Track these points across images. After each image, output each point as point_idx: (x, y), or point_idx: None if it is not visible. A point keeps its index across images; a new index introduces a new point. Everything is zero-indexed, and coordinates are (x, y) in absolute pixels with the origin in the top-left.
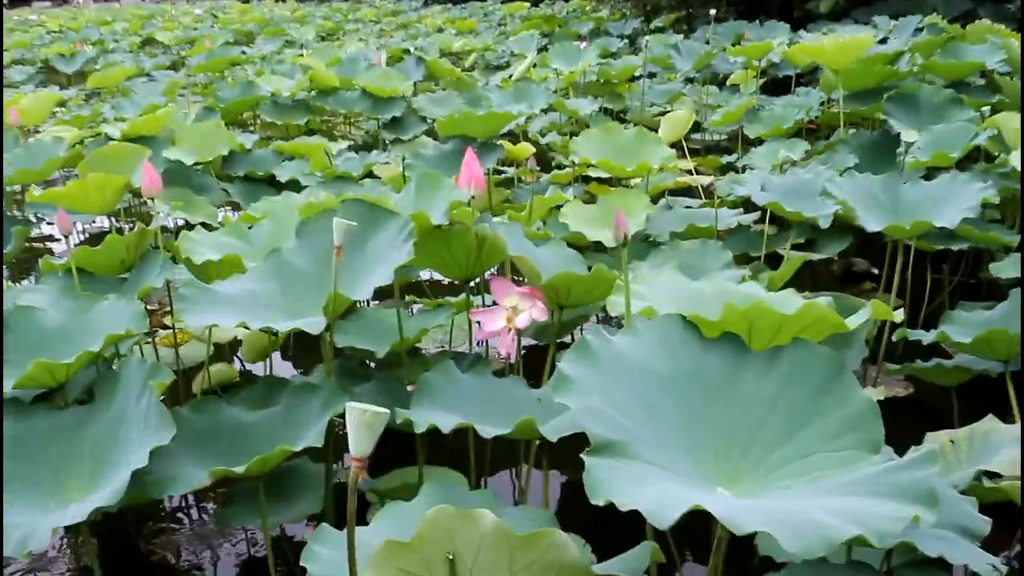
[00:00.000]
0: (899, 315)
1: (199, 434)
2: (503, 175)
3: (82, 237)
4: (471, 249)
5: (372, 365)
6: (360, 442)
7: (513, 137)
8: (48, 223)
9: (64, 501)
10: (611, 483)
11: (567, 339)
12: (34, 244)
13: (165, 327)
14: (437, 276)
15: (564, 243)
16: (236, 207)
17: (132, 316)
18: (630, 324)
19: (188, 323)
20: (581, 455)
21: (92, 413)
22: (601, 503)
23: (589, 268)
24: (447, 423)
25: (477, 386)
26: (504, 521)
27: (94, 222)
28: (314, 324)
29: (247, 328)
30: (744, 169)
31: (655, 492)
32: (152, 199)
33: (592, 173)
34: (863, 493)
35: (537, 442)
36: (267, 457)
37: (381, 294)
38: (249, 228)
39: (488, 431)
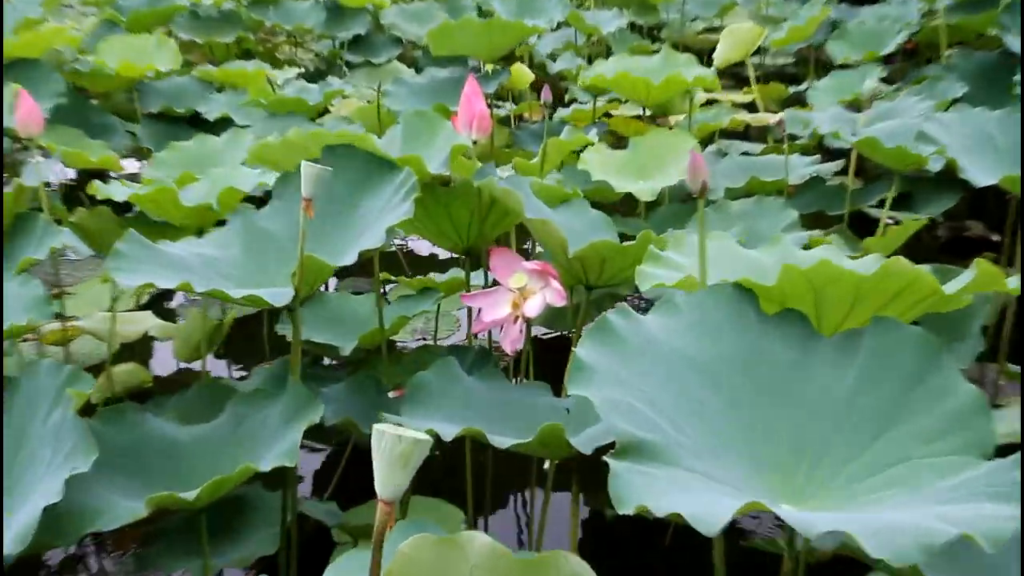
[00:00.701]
0: (1013, 283)
1: (118, 453)
2: (499, 110)
3: None
4: (476, 211)
5: (331, 364)
6: (391, 478)
7: (508, 60)
8: None
9: None
10: (643, 488)
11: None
12: None
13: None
14: (414, 245)
15: (587, 203)
16: (145, 154)
17: (32, 301)
18: (665, 300)
19: (121, 281)
20: (604, 458)
21: None
22: (630, 511)
23: (622, 237)
24: (449, 431)
25: (485, 391)
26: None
27: None
28: (278, 295)
29: (191, 291)
30: (815, 103)
31: (700, 498)
32: (31, 141)
33: (619, 112)
34: (963, 498)
35: (548, 463)
36: (224, 480)
37: (345, 273)
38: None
39: (503, 440)
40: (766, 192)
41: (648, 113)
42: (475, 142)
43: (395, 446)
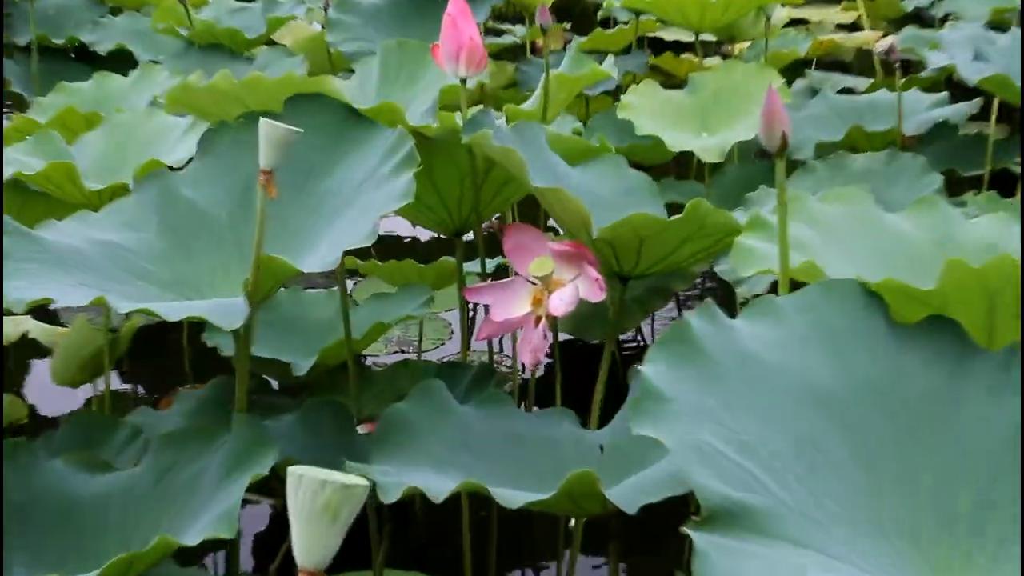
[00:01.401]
0: None
1: (10, 509)
2: (499, 40)
3: None
4: (469, 175)
5: (279, 388)
6: (315, 539)
7: None
8: None
9: None
10: (741, 573)
11: (629, 336)
12: None
13: None
14: (389, 226)
15: (623, 160)
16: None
17: None
18: (764, 301)
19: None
20: (684, 528)
21: None
22: None
23: (670, 210)
24: (439, 486)
25: (489, 424)
26: None
27: None
28: (228, 311)
29: (104, 306)
30: (945, 21)
31: None
32: None
33: (667, 36)
34: None
35: (572, 522)
36: (135, 557)
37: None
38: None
39: (512, 497)
40: (873, 147)
41: (706, 38)
42: (464, 81)
43: (317, 495)
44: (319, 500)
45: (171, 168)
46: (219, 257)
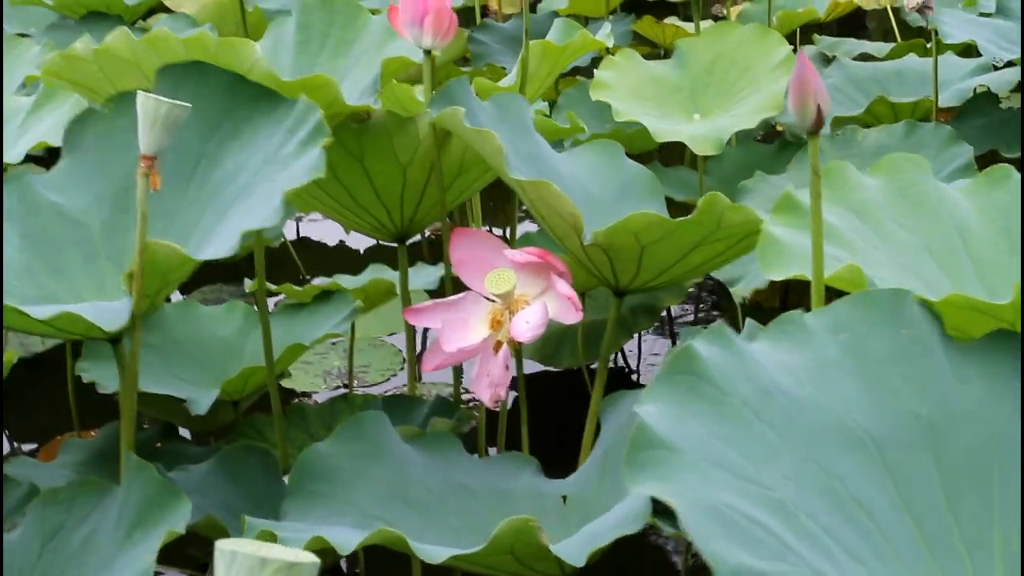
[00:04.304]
0: None
1: None
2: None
3: None
4: (412, 165)
5: (185, 435)
6: None
7: None
8: None
9: None
10: None
11: (614, 363)
12: None
13: None
14: (313, 231)
15: (619, 148)
16: None
17: None
18: (788, 320)
19: None
20: None
21: None
22: None
23: (667, 202)
24: (349, 538)
25: (431, 471)
26: None
27: None
28: (109, 312)
29: None
30: None
31: None
32: None
33: None
34: None
35: None
36: None
37: (193, 282)
38: None
39: (433, 552)
40: (902, 120)
41: None
42: (428, 52)
43: (255, 575)
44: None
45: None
46: (93, 275)
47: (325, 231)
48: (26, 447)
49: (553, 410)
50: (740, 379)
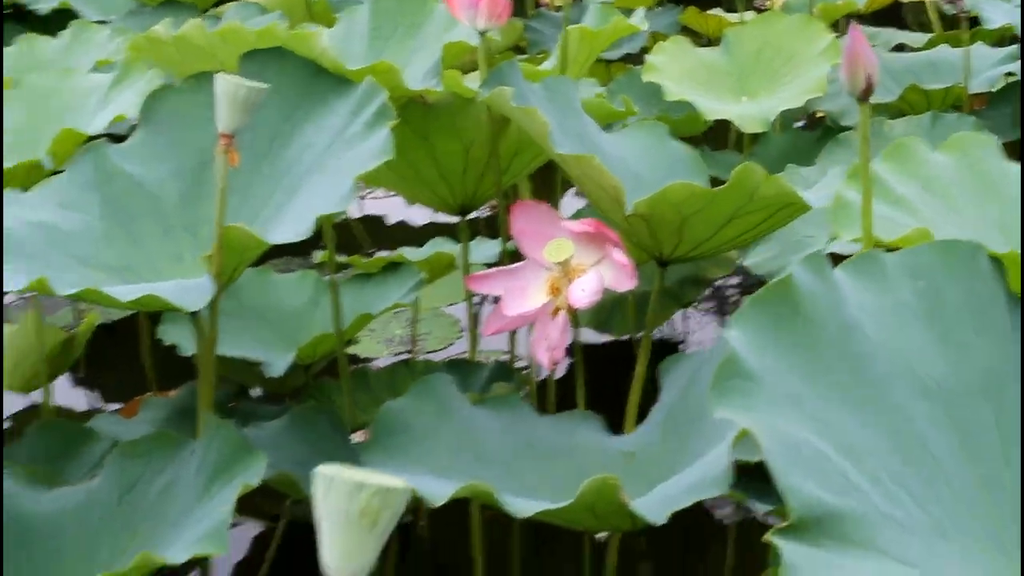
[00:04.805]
0: None
1: None
2: None
3: None
4: (474, 144)
5: (261, 395)
6: (350, 549)
7: None
8: None
9: None
10: None
11: (659, 333)
12: None
13: None
14: (377, 207)
15: (664, 128)
16: None
17: None
18: (869, 256)
19: None
20: (769, 536)
21: None
22: None
23: (713, 182)
24: (438, 488)
25: (500, 428)
26: None
27: None
28: (191, 291)
29: (48, 292)
30: None
31: None
32: None
33: None
34: None
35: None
36: None
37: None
38: None
39: (523, 506)
40: (932, 109)
41: None
42: (483, 34)
43: (352, 498)
44: (354, 505)
45: (111, 136)
46: (170, 244)
47: (386, 207)
48: (110, 406)
49: (604, 376)
50: (830, 313)
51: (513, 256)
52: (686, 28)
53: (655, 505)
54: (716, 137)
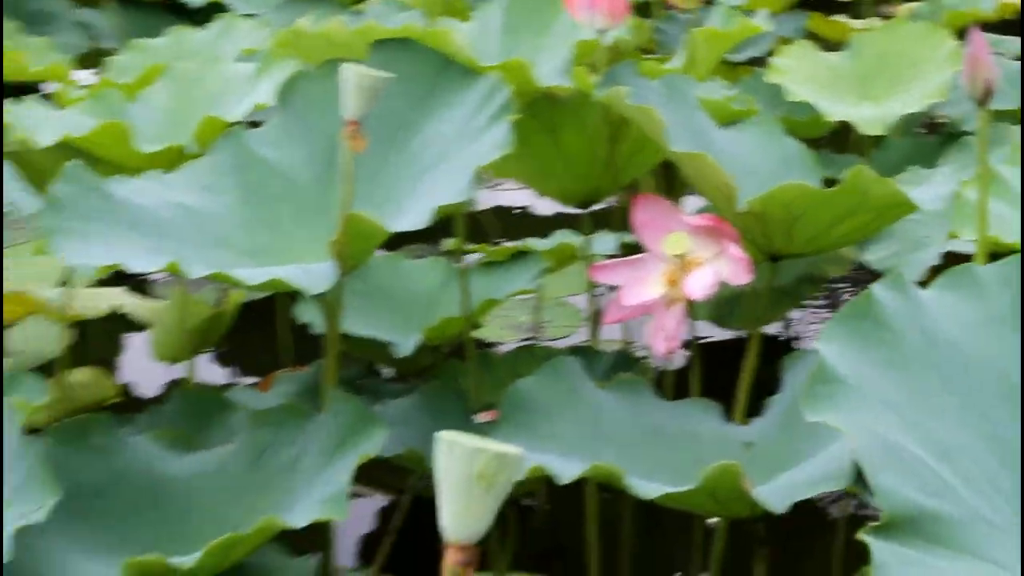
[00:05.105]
0: None
1: (84, 490)
2: None
3: None
4: (599, 140)
5: (388, 375)
6: (467, 510)
7: None
8: None
9: None
10: None
11: (772, 329)
12: None
13: None
14: (502, 197)
15: (779, 126)
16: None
17: None
18: (961, 271)
19: (64, 256)
20: (860, 535)
21: None
22: None
23: (828, 183)
24: (566, 468)
25: (624, 412)
26: None
27: None
28: (314, 275)
29: (178, 272)
30: None
31: None
32: None
33: None
34: None
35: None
36: (237, 539)
37: (394, 237)
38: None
39: (648, 488)
40: None
41: None
42: (602, 33)
43: (470, 462)
44: (472, 469)
45: (251, 124)
46: (304, 226)
47: (516, 198)
48: (247, 380)
49: (720, 369)
50: (913, 326)
51: (631, 249)
52: (811, 33)
53: (776, 494)
54: (838, 140)
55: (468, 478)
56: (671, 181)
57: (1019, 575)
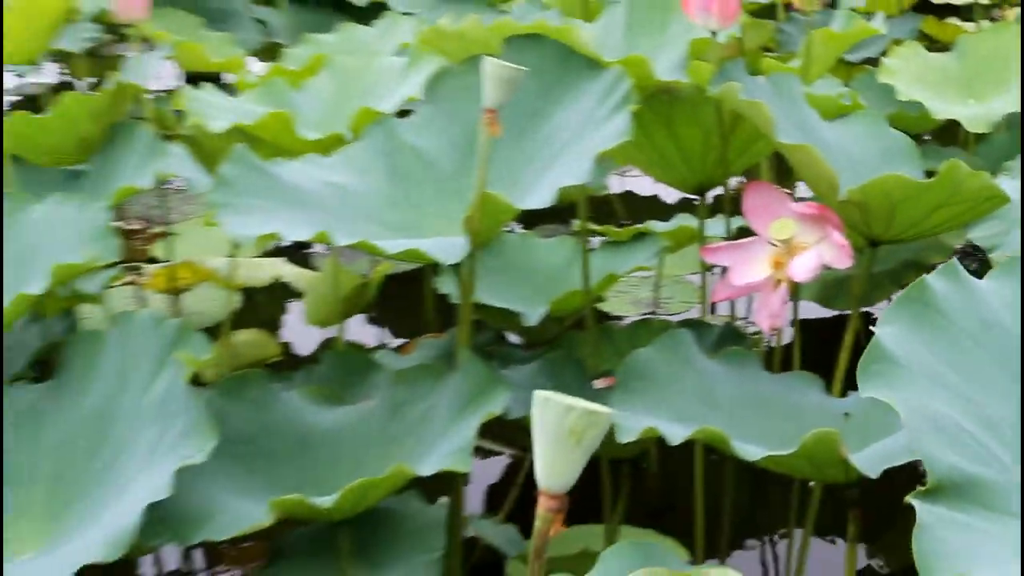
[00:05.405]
0: None
1: (239, 437)
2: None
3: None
4: (712, 131)
5: (518, 343)
6: (558, 462)
7: None
8: None
9: (8, 550)
10: (964, 549)
11: (877, 309)
12: None
13: (153, 260)
14: (629, 183)
15: (883, 119)
16: (275, 52)
17: (91, 232)
18: (1013, 262)
19: (229, 227)
20: (908, 498)
21: (54, 401)
22: None
23: (929, 174)
24: (675, 431)
25: (732, 381)
26: None
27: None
28: (449, 248)
29: (328, 242)
30: None
31: None
32: (130, 29)
33: None
34: None
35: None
36: (372, 483)
37: (530, 218)
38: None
39: (752, 451)
40: None
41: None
42: (715, 34)
43: (562, 418)
44: (564, 424)
45: (399, 113)
46: (443, 206)
47: (643, 185)
48: (394, 343)
49: (823, 346)
50: (965, 311)
51: (742, 232)
52: (924, 35)
53: (870, 460)
54: (946, 135)
55: (560, 433)
56: (786, 170)
57: None
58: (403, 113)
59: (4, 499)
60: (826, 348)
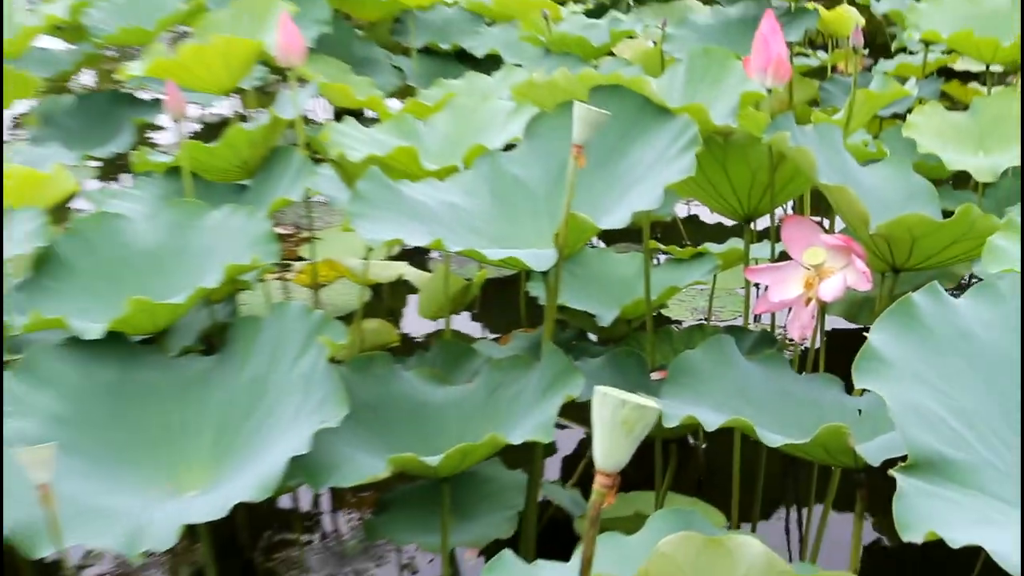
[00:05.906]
0: None
1: (364, 407)
2: (807, 61)
3: (195, 128)
4: (759, 170)
5: (594, 340)
6: (612, 447)
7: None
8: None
9: (178, 487)
10: (936, 513)
11: None
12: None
13: (300, 259)
14: (695, 211)
15: (909, 165)
16: (408, 93)
17: (256, 238)
18: (987, 284)
19: (362, 232)
20: (891, 471)
21: (220, 370)
22: (917, 539)
23: (946, 214)
24: (713, 419)
25: (765, 379)
26: None
27: (210, 107)
28: (540, 258)
29: (442, 248)
30: None
31: (1009, 533)
32: (290, 71)
33: (957, 66)
34: None
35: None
36: (471, 448)
37: (608, 236)
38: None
39: (773, 438)
40: None
41: (994, 67)
42: (770, 91)
43: (616, 411)
44: (618, 415)
45: (504, 149)
46: (536, 225)
47: (703, 211)
48: (492, 336)
49: (847, 354)
50: (943, 323)
51: (781, 256)
52: (946, 95)
53: (875, 450)
54: (961, 179)
55: (615, 422)
56: (827, 203)
57: (1019, 508)
58: (507, 147)
59: (178, 440)
60: (849, 356)
